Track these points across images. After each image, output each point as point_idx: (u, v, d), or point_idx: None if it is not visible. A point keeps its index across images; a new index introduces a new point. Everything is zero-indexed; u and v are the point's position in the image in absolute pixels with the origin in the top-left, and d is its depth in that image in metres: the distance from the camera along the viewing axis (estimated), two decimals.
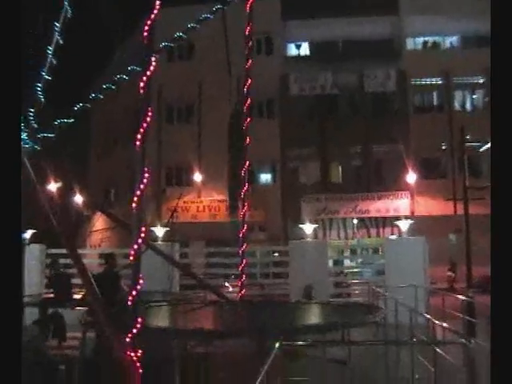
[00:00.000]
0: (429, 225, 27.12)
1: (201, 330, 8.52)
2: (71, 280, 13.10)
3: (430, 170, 33.65)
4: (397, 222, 19.44)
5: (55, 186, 10.73)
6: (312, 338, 8.07)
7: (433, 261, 18.22)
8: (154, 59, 6.69)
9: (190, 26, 11.32)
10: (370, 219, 33.21)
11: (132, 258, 6.57)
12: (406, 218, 20.12)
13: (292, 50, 38.68)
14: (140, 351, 6.45)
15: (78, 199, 18.01)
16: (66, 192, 14.47)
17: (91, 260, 19.91)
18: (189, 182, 35.13)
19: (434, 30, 36.31)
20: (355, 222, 33.50)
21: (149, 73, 6.52)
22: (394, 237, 23.46)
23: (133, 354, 6.40)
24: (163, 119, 35.68)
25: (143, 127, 6.51)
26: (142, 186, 6.48)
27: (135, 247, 6.51)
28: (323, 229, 32.80)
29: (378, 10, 34.82)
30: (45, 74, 9.18)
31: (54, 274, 13.58)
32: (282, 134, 34.69)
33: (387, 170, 34.16)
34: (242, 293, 12.85)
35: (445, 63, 33.91)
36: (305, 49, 38.80)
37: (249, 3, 13.22)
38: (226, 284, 19.24)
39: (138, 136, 6.49)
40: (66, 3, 9.75)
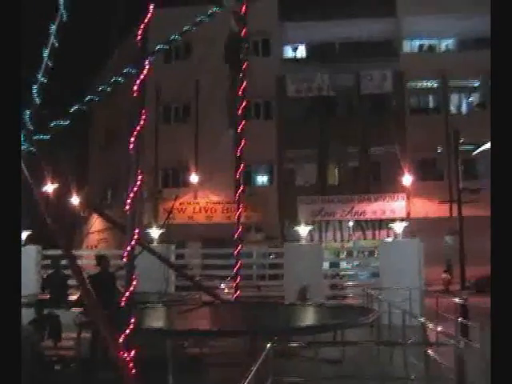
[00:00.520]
0: (425, 226, 27.22)
1: (195, 330, 8.61)
2: (67, 281, 13.15)
3: (426, 172, 33.74)
4: (392, 224, 19.51)
5: (52, 186, 10.78)
6: (305, 338, 8.14)
7: (429, 262, 18.27)
8: (147, 62, 6.76)
9: (185, 28, 11.37)
10: (367, 221, 33.28)
11: (126, 259, 6.64)
12: (401, 220, 20.22)
13: (289, 51, 38.76)
14: (134, 351, 6.51)
15: (75, 200, 18.07)
16: (63, 193, 14.53)
17: (88, 261, 19.94)
18: (185, 183, 35.16)
19: (431, 32, 36.40)
20: (351, 223, 33.53)
21: (142, 76, 6.59)
22: (389, 239, 23.52)
23: (126, 354, 6.47)
24: (160, 119, 35.72)
25: (137, 130, 6.59)
26: (135, 188, 6.56)
27: (129, 248, 6.58)
28: (319, 231, 32.86)
29: (374, 11, 34.91)
30: (40, 77, 9.25)
31: (51, 275, 13.63)
32: (278, 136, 34.77)
33: (383, 171, 34.24)
34: (236, 294, 12.94)
35: (441, 66, 34.00)
36: (301, 51, 38.89)
37: (244, 6, 13.34)
38: (222, 285, 19.29)
39: (132, 139, 6.56)
40: (62, 6, 9.79)
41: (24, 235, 17.39)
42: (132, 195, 6.54)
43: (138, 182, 6.58)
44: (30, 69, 9.67)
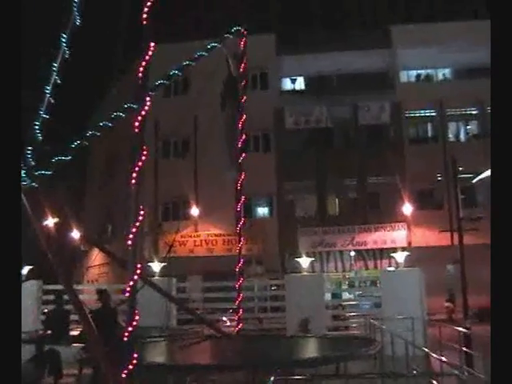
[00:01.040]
0: (426, 256, 27.14)
1: (197, 364, 8.54)
2: (69, 316, 13.10)
3: (425, 201, 33.80)
4: (393, 254, 19.48)
5: (52, 221, 10.81)
6: (308, 371, 8.08)
7: (431, 292, 18.20)
8: (148, 98, 6.86)
9: (184, 63, 11.52)
10: (368, 251, 33.21)
11: (128, 294, 6.64)
12: (402, 249, 20.18)
13: (287, 84, 39.15)
14: None
15: (75, 234, 18.06)
16: (63, 227, 14.54)
17: (89, 296, 19.86)
18: (186, 216, 35.17)
19: (427, 62, 36.85)
20: (352, 254, 33.48)
21: (144, 112, 6.68)
22: (391, 268, 23.45)
23: None
24: (160, 153, 35.90)
25: (138, 166, 6.65)
26: (137, 224, 6.59)
27: (131, 283, 6.58)
28: (320, 261, 32.78)
29: (371, 43, 35.40)
30: (43, 113, 9.35)
31: (52, 310, 13.58)
32: (277, 168, 34.92)
33: (383, 201, 34.30)
34: (238, 327, 12.86)
35: (438, 95, 34.36)
36: (300, 83, 39.29)
37: (242, 40, 13.53)
38: (224, 318, 19.18)
39: (133, 174, 6.62)
40: (64, 43, 9.95)
41: (25, 270, 17.37)
42: (134, 230, 6.57)
43: (140, 218, 6.62)
44: (31, 105, 9.79)
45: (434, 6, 37.84)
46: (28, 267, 17.50)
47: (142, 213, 6.69)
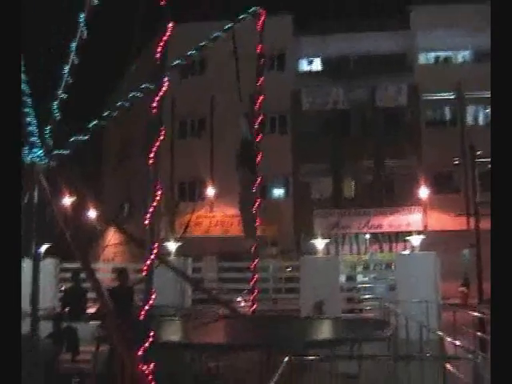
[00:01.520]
0: (442, 240, 27.02)
1: (212, 343, 8.63)
2: (86, 294, 13.25)
3: (442, 185, 33.54)
4: (408, 237, 19.42)
5: (69, 200, 10.91)
6: (322, 352, 8.13)
7: (446, 276, 18.16)
8: (166, 79, 6.87)
9: (201, 44, 11.51)
10: (383, 234, 33.17)
11: (145, 273, 6.71)
12: (418, 233, 20.08)
13: (304, 65, 38.90)
14: (152, 365, 6.56)
15: (92, 214, 18.22)
16: (81, 206, 14.68)
17: (104, 274, 20.05)
18: (202, 197, 35.30)
19: (447, 44, 36.31)
20: (368, 237, 33.44)
21: (161, 93, 6.70)
22: (406, 252, 23.39)
23: (145, 368, 6.51)
24: (176, 133, 35.96)
25: (156, 146, 6.69)
26: (154, 203, 6.64)
27: (148, 263, 6.65)
28: (335, 244, 32.79)
29: (389, 25, 35.02)
30: (61, 93, 9.41)
31: (69, 288, 13.74)
32: (294, 149, 34.85)
33: (399, 184, 34.14)
34: (253, 307, 12.95)
35: (457, 78, 33.93)
36: (317, 64, 39.02)
37: (260, 21, 13.45)
38: (239, 299, 19.29)
39: (151, 154, 6.66)
40: (82, 23, 9.97)
41: (43, 248, 17.54)
42: (151, 210, 6.63)
43: (157, 198, 6.67)
44: (50, 85, 9.85)
45: None
46: (45, 245, 17.66)
47: (158, 193, 6.74)
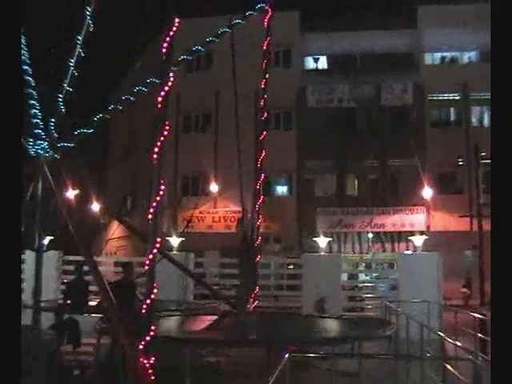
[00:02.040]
0: (445, 240, 27.04)
1: (213, 338, 8.65)
2: (88, 287, 13.29)
3: (446, 185, 33.52)
4: (411, 237, 19.41)
5: (73, 193, 10.92)
6: (322, 349, 8.15)
7: (448, 277, 18.15)
8: (172, 74, 6.87)
9: (208, 39, 11.49)
10: (386, 234, 33.15)
11: (147, 268, 6.72)
12: (420, 233, 20.11)
13: (310, 63, 38.87)
14: (153, 358, 6.58)
15: (96, 207, 18.24)
16: (84, 199, 14.71)
17: (107, 268, 20.11)
18: (205, 192, 35.32)
19: (453, 44, 36.23)
20: (370, 236, 33.44)
21: (167, 88, 6.70)
22: (408, 252, 23.39)
23: (146, 361, 6.53)
24: (180, 128, 35.98)
25: (160, 140, 6.69)
26: (157, 198, 6.66)
27: (150, 257, 6.66)
28: (338, 242, 32.80)
29: (396, 23, 34.95)
30: (66, 86, 9.42)
31: (72, 281, 13.79)
32: (298, 146, 34.85)
33: (403, 184, 34.12)
34: (254, 304, 12.95)
35: (463, 78, 33.86)
36: (322, 62, 38.98)
37: (267, 17, 13.41)
38: None
39: (155, 149, 6.67)
40: (88, 16, 9.97)
41: (46, 241, 17.59)
42: (154, 204, 6.64)
43: (161, 192, 6.68)
44: (55, 78, 9.86)
45: None
46: (49, 238, 17.71)
47: (162, 188, 6.75)
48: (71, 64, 9.55)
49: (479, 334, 11.86)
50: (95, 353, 9.81)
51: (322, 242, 18.69)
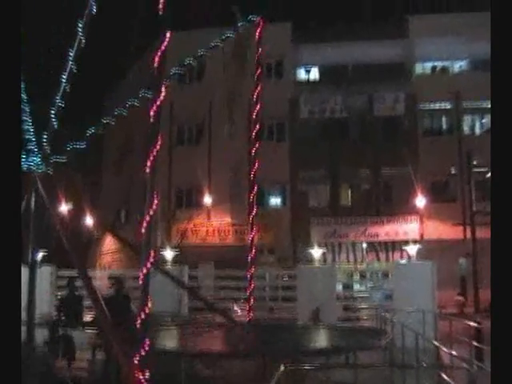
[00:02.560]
0: (438, 249, 27.06)
1: (208, 351, 8.63)
2: (82, 301, 13.23)
3: (439, 194, 33.55)
4: (405, 246, 19.45)
5: (66, 207, 10.92)
6: (318, 360, 8.14)
7: (443, 285, 18.15)
8: (164, 87, 6.90)
9: (200, 52, 11.57)
10: (380, 243, 33.17)
11: (141, 281, 6.71)
12: (414, 242, 20.13)
13: (302, 74, 39.00)
14: (148, 372, 6.56)
15: (89, 220, 18.22)
16: (78, 213, 14.70)
17: (101, 282, 20.03)
18: (199, 204, 35.25)
19: (444, 54, 36.43)
20: (364, 245, 33.45)
21: (159, 102, 6.73)
22: (403, 261, 23.42)
23: (141, 376, 6.51)
24: (174, 140, 35.94)
25: (153, 153, 6.71)
26: (151, 211, 6.66)
27: (144, 271, 6.65)
28: (332, 252, 32.78)
29: (387, 33, 35.12)
30: (58, 101, 9.45)
31: (66, 296, 13.72)
32: (291, 157, 34.86)
33: (396, 193, 34.15)
34: (250, 315, 12.94)
35: (454, 87, 34.03)
36: (314, 73, 39.11)
37: (258, 29, 13.50)
38: (235, 307, 19.27)
39: (148, 162, 6.68)
40: (80, 31, 10.02)
41: (39, 256, 17.52)
42: (148, 218, 6.64)
43: (154, 206, 6.68)
44: (48, 92, 9.88)
45: None
46: (42, 252, 17.65)
47: (156, 202, 6.76)
48: (63, 79, 9.58)
49: (474, 343, 11.87)
50: (90, 368, 9.77)
51: (316, 252, 18.69)
